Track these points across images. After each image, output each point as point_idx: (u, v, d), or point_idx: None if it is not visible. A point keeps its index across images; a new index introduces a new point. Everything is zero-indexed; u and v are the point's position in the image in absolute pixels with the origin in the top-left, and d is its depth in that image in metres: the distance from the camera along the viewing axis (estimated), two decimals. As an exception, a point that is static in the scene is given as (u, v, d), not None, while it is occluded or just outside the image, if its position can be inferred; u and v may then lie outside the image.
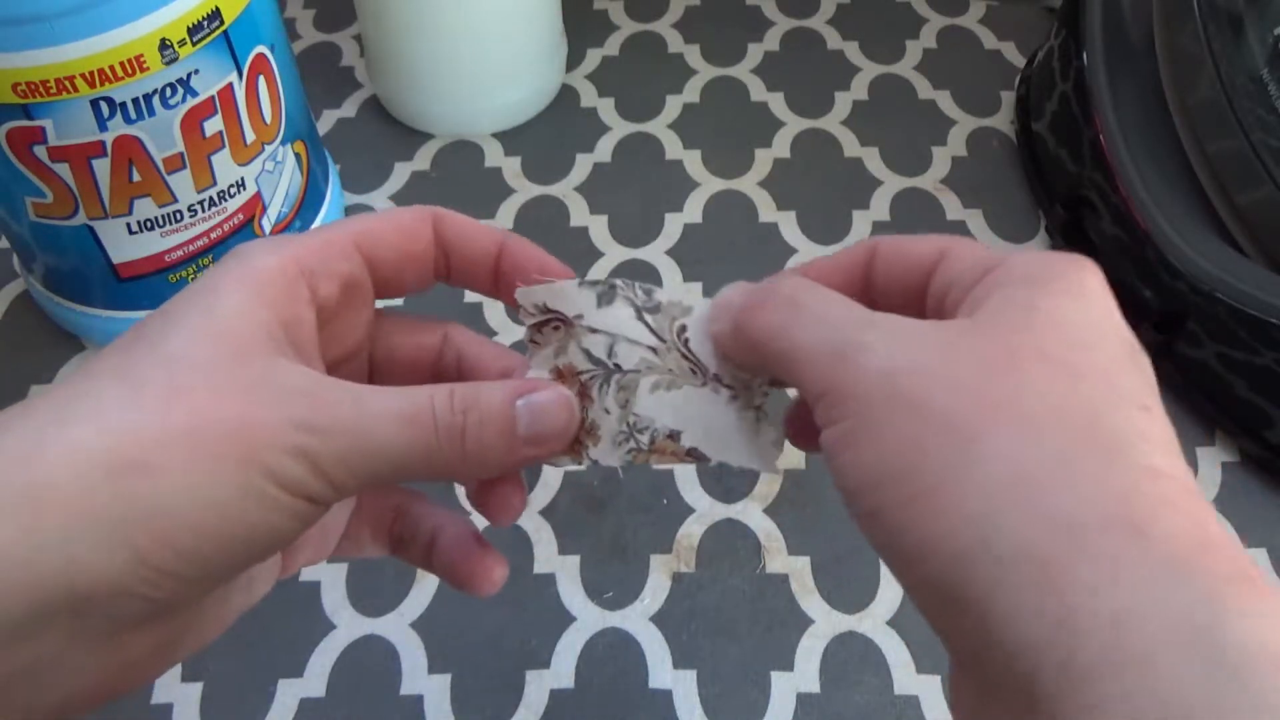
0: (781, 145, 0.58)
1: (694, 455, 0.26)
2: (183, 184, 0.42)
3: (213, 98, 0.41)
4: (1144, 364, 0.21)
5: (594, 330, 0.26)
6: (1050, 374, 0.19)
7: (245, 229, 0.45)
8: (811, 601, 0.42)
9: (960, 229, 0.54)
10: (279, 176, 0.46)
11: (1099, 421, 0.19)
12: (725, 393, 0.26)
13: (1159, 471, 0.19)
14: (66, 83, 0.36)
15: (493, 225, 0.27)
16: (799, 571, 0.42)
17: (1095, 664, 0.17)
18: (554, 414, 0.24)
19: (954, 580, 0.18)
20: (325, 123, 0.60)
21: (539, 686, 0.39)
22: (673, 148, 0.58)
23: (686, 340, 0.26)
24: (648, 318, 0.26)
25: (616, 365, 0.26)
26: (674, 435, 0.26)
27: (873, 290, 0.25)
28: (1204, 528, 0.18)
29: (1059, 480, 0.18)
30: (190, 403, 0.20)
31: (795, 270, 0.26)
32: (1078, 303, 0.21)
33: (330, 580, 0.42)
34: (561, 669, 0.39)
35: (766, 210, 0.55)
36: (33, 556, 0.18)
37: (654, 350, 0.26)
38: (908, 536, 0.19)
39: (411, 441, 0.22)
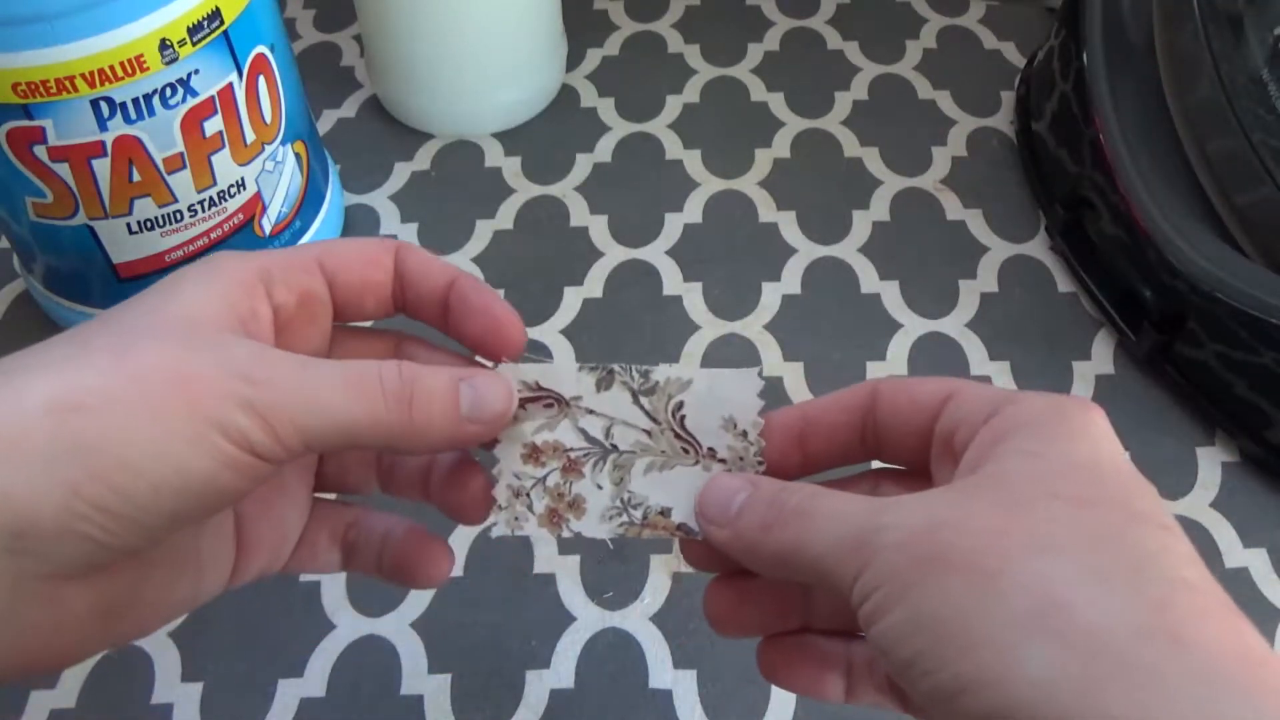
0: (781, 145, 0.58)
1: (683, 530, 0.27)
2: (183, 184, 0.42)
3: (213, 98, 0.41)
4: (1155, 493, 0.21)
5: (591, 412, 0.28)
6: (1066, 508, 0.20)
7: (245, 229, 0.45)
8: (811, 601, 0.42)
9: (960, 229, 0.54)
10: (279, 176, 0.46)
11: (1122, 540, 0.20)
12: (718, 467, 0.27)
13: (1191, 584, 0.19)
14: (66, 83, 0.36)
15: (450, 262, 0.28)
16: (799, 571, 0.42)
17: None
18: (495, 396, 0.25)
19: (994, 709, 0.18)
20: (325, 123, 0.60)
21: (539, 686, 0.39)
22: (673, 148, 0.58)
23: (683, 419, 0.28)
24: (643, 400, 0.28)
25: (613, 446, 0.28)
26: (665, 512, 0.27)
27: (877, 430, 0.26)
28: (1243, 638, 0.18)
29: (1089, 598, 0.19)
30: (137, 357, 0.21)
31: (793, 409, 0.28)
32: (1085, 445, 0.22)
33: (330, 580, 0.42)
34: (561, 669, 0.39)
35: (766, 210, 0.55)
36: None
37: (649, 433, 0.28)
38: (943, 674, 0.19)
39: (358, 404, 0.23)
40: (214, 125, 0.41)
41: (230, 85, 0.41)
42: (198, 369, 0.21)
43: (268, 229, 0.47)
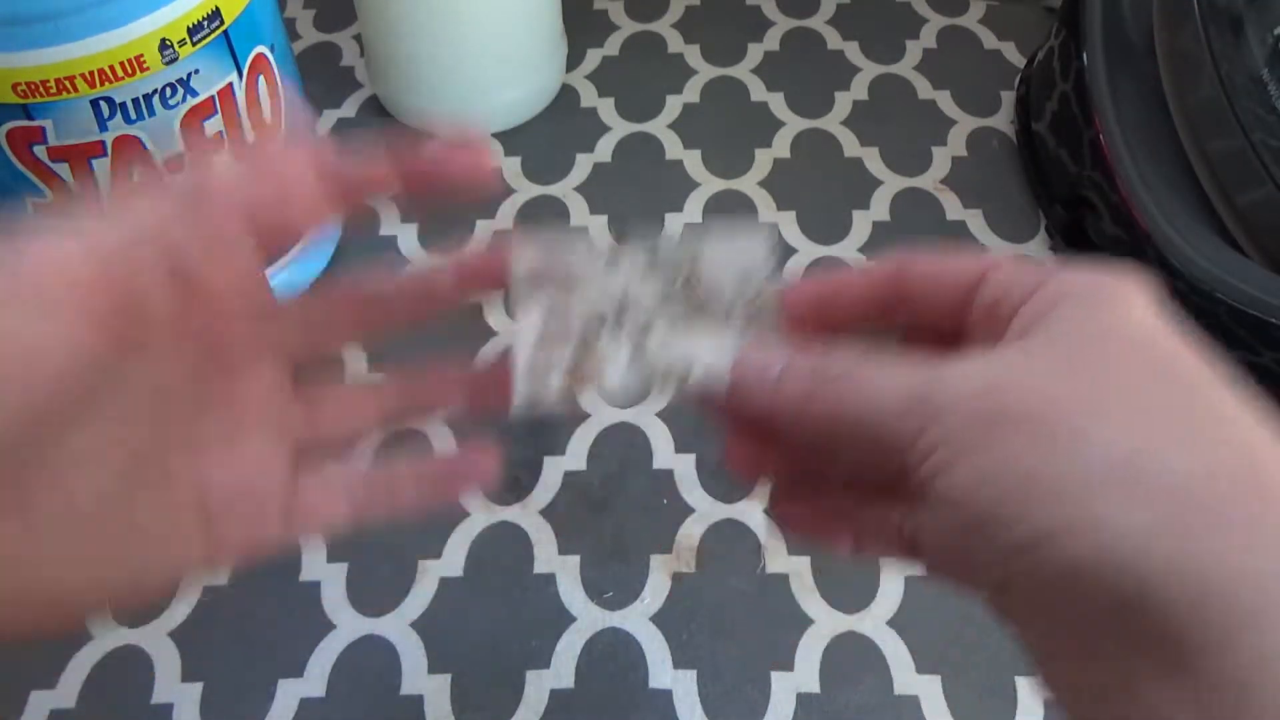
0: (781, 145, 0.58)
1: (704, 386, 0.27)
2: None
3: (213, 98, 0.41)
4: (1214, 360, 0.21)
5: (603, 290, 0.27)
6: (1135, 369, 0.20)
7: (245, 229, 0.46)
8: (811, 601, 0.42)
9: (960, 229, 0.54)
10: (279, 176, 0.46)
11: (1197, 398, 0.20)
12: (735, 325, 0.27)
13: (1269, 445, 0.19)
14: (66, 83, 0.36)
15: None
16: (799, 571, 0.42)
17: (1255, 616, 0.17)
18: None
19: (1078, 558, 0.18)
20: (325, 123, 0.60)
21: (539, 686, 0.39)
22: (673, 148, 0.58)
23: (695, 285, 0.28)
24: (657, 266, 0.28)
25: (629, 311, 0.27)
26: (686, 371, 0.27)
27: (907, 301, 0.26)
28: None
29: (1175, 452, 0.19)
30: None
31: (813, 278, 0.27)
32: (1144, 313, 0.22)
33: (330, 580, 0.42)
34: (561, 669, 0.39)
35: (766, 210, 0.55)
36: None
37: (664, 297, 0.27)
38: (1022, 526, 0.19)
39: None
40: (214, 125, 0.41)
41: (230, 85, 0.41)
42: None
43: (268, 229, 0.47)
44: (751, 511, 0.44)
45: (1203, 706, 0.18)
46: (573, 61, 0.63)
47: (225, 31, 0.40)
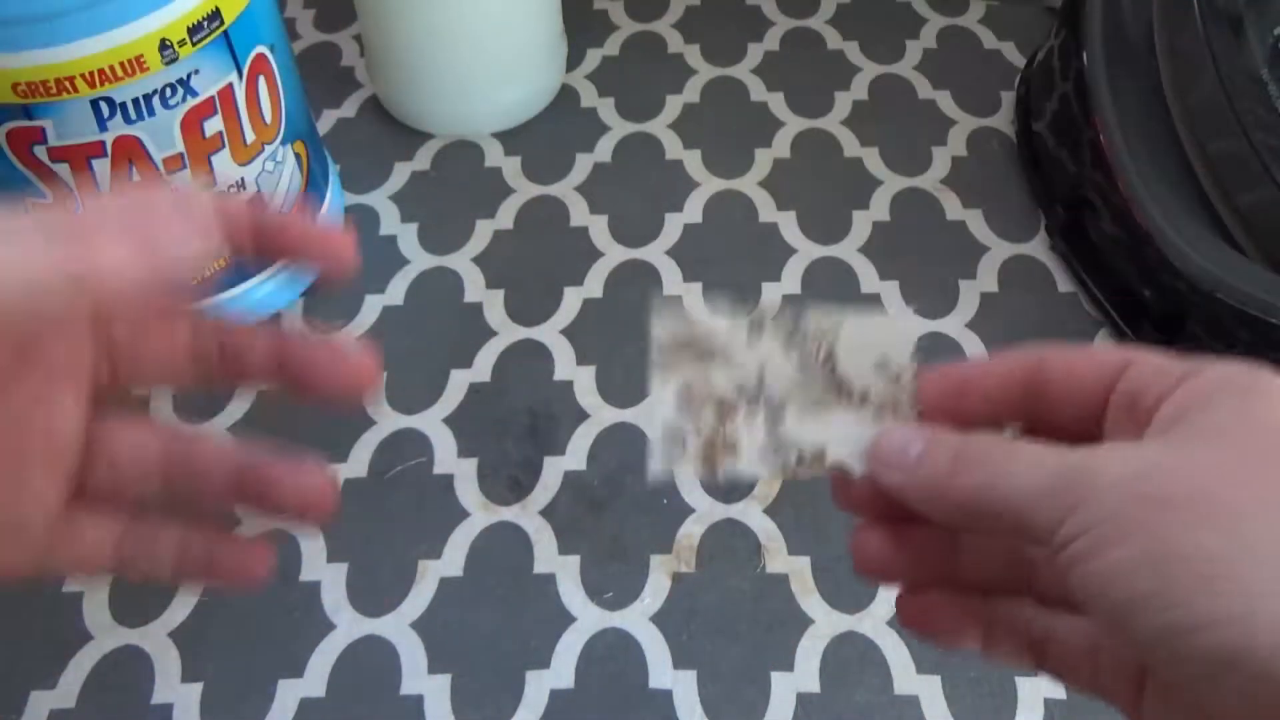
0: (781, 145, 0.58)
1: (838, 468, 0.27)
2: (183, 184, 0.42)
3: (213, 98, 0.41)
4: None
5: (743, 361, 0.28)
6: None
7: (245, 229, 0.45)
8: (811, 601, 0.42)
9: (960, 229, 0.54)
10: (279, 176, 0.46)
11: None
12: (872, 410, 0.28)
13: None
14: (66, 83, 0.36)
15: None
16: (799, 571, 0.42)
17: None
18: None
19: (1236, 647, 0.19)
20: (325, 123, 0.60)
21: (539, 686, 0.39)
22: (673, 148, 0.58)
23: (834, 365, 0.28)
24: (795, 346, 0.28)
25: (767, 390, 0.28)
26: (820, 452, 0.27)
27: (1043, 392, 0.26)
28: None
29: None
30: None
31: (953, 365, 0.27)
32: None
33: (330, 580, 0.42)
34: (561, 669, 0.39)
35: (766, 210, 0.55)
36: None
37: (801, 377, 0.28)
38: (1177, 611, 0.19)
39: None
40: (214, 125, 0.41)
41: (230, 85, 0.41)
42: None
43: (268, 229, 0.47)
44: (751, 511, 0.44)
45: None
46: (573, 61, 0.63)
47: (225, 31, 0.40)
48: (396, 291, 0.51)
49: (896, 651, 0.40)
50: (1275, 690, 0.18)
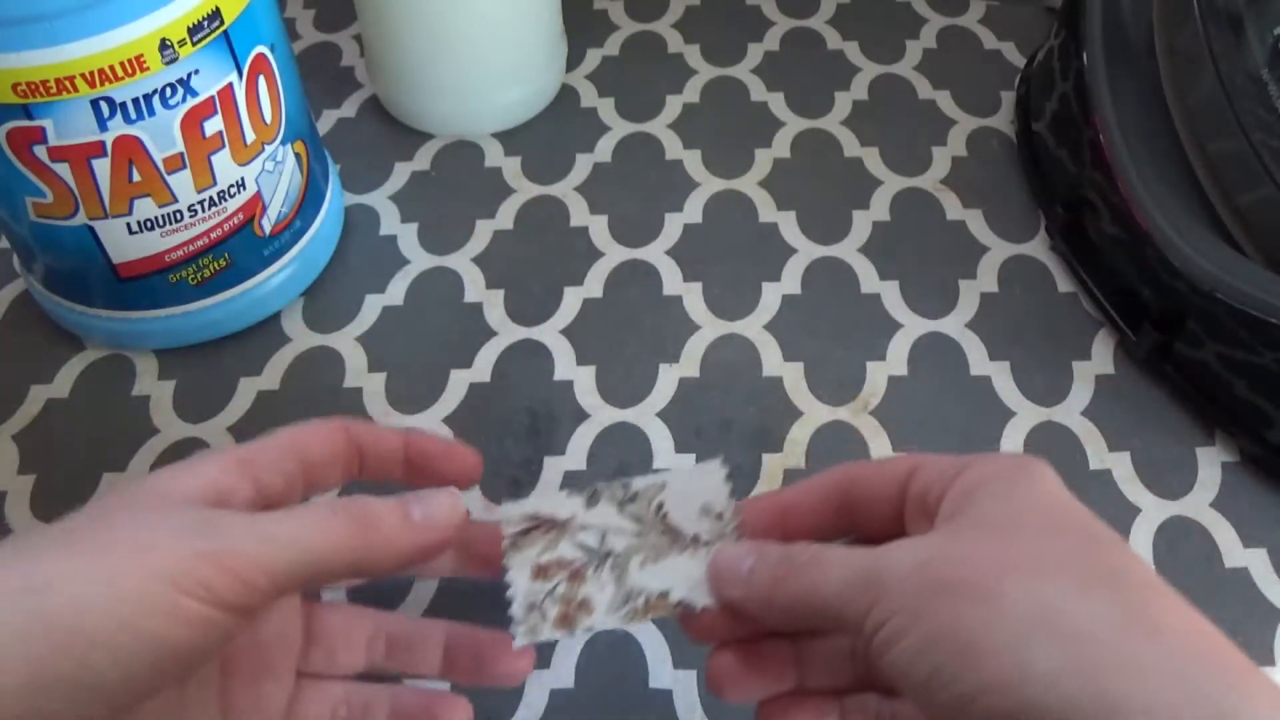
0: (781, 145, 0.58)
1: (683, 605, 0.31)
2: (183, 184, 0.42)
3: (213, 98, 0.41)
4: (1107, 525, 0.25)
5: (585, 527, 0.32)
6: (1043, 538, 0.24)
7: (245, 229, 0.45)
8: (811, 601, 0.42)
9: (960, 229, 0.54)
10: (279, 176, 0.46)
11: (1093, 559, 0.23)
12: (704, 550, 0.32)
13: (1156, 587, 0.23)
14: (66, 83, 0.36)
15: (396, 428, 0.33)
16: (799, 571, 0.42)
17: None
18: (440, 505, 0.29)
19: (1015, 705, 0.21)
20: (325, 123, 0.60)
21: (539, 686, 0.39)
22: (673, 148, 0.58)
23: (664, 516, 0.33)
24: (628, 507, 0.33)
25: (609, 550, 0.32)
26: (664, 594, 0.31)
27: (851, 506, 0.30)
28: (1202, 624, 0.22)
29: (1078, 605, 0.22)
30: (106, 532, 0.23)
31: (771, 495, 0.32)
32: (1045, 489, 0.26)
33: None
34: (561, 669, 0.39)
35: (766, 210, 0.55)
36: None
37: (638, 533, 0.32)
38: (963, 683, 0.22)
39: (315, 529, 0.25)
40: (214, 125, 0.41)
41: (230, 85, 0.41)
42: (157, 535, 0.23)
43: (268, 229, 0.47)
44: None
45: None
46: (573, 61, 0.63)
47: (225, 31, 0.40)
48: (396, 291, 0.51)
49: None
50: None
